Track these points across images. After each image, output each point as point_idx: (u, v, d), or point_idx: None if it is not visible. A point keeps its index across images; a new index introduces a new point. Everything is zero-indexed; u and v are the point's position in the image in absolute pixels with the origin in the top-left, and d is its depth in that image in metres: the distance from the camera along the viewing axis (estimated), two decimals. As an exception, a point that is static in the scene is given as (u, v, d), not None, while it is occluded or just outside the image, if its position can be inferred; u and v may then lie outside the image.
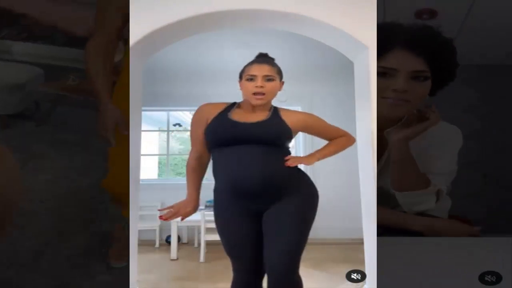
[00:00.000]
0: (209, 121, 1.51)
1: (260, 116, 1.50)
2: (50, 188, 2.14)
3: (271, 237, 1.43)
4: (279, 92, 1.56)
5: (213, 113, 1.52)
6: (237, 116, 1.50)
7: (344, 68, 2.87)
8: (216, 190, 1.54)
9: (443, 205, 1.57)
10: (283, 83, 1.56)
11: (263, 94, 1.47)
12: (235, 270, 1.55)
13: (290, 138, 1.52)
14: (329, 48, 2.39)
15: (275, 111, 1.54)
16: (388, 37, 1.34)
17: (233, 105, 1.56)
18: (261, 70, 1.48)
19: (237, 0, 2.11)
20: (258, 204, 1.46)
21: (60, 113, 2.66)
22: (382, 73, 1.33)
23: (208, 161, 1.60)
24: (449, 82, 1.42)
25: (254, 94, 1.47)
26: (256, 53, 1.63)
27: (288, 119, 1.51)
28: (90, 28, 1.38)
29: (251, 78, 1.47)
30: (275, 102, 1.60)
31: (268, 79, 1.48)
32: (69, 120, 2.66)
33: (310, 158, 1.58)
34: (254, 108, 1.51)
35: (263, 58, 1.56)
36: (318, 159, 1.59)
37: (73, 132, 2.34)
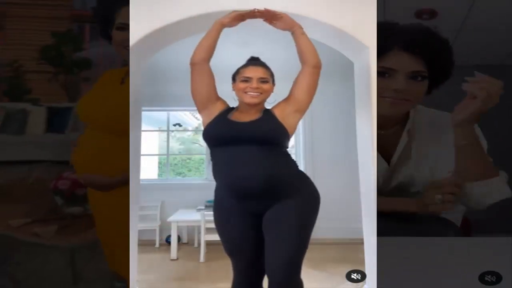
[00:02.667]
0: (211, 108, 1.54)
1: (254, 116, 1.51)
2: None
3: (272, 243, 1.42)
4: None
5: (218, 108, 1.54)
6: (235, 117, 1.51)
7: (344, 68, 2.87)
8: (216, 190, 1.54)
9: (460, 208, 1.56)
10: (274, 85, 1.58)
11: (258, 93, 1.50)
12: (235, 269, 1.55)
13: (286, 135, 1.50)
14: (329, 48, 2.39)
15: (267, 110, 1.55)
16: (387, 38, 1.36)
17: (232, 108, 1.57)
18: (256, 72, 1.50)
19: (237, 0, 2.12)
20: (257, 205, 1.45)
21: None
22: (381, 73, 1.35)
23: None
24: (444, 81, 1.42)
25: (248, 93, 1.49)
26: (256, 53, 1.63)
27: (278, 111, 1.52)
28: None
29: (246, 80, 1.50)
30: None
31: (263, 81, 1.51)
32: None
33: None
34: (250, 109, 1.52)
35: (256, 61, 1.58)
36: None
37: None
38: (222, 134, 1.46)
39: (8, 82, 4.87)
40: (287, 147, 1.54)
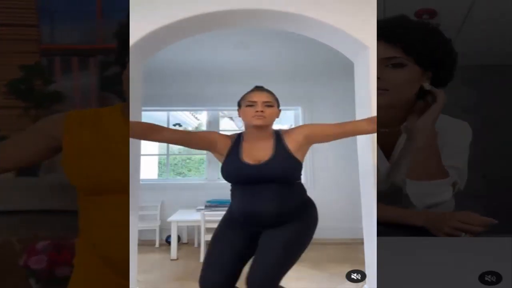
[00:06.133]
0: (217, 148, 1.56)
1: (266, 150, 1.52)
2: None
3: (258, 254, 1.49)
4: None
5: (224, 144, 1.56)
6: (247, 156, 1.52)
7: (344, 68, 2.87)
8: (229, 213, 1.60)
9: (447, 205, 1.56)
10: (280, 110, 1.60)
11: (264, 116, 1.52)
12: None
13: (301, 169, 1.57)
14: (329, 48, 2.40)
15: (278, 138, 1.56)
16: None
17: (239, 136, 1.59)
18: (260, 97, 1.54)
19: (237, 0, 2.12)
20: (260, 227, 1.51)
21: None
22: None
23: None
24: (446, 74, 1.40)
25: (254, 116, 1.52)
26: (256, 53, 1.65)
27: (292, 143, 1.55)
28: None
29: (251, 104, 1.52)
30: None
31: (267, 105, 1.53)
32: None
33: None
34: (258, 133, 1.54)
35: (261, 87, 1.61)
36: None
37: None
38: (240, 177, 1.51)
39: (-28, 120, 4.55)
40: (300, 178, 1.59)
